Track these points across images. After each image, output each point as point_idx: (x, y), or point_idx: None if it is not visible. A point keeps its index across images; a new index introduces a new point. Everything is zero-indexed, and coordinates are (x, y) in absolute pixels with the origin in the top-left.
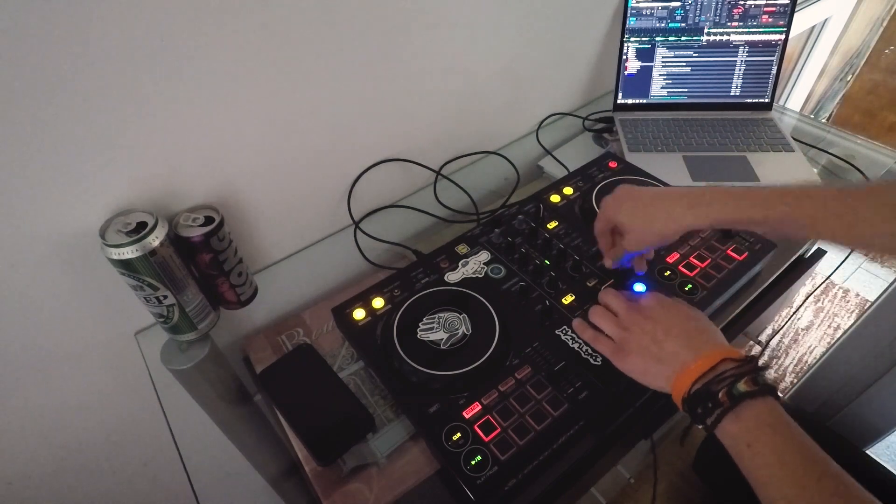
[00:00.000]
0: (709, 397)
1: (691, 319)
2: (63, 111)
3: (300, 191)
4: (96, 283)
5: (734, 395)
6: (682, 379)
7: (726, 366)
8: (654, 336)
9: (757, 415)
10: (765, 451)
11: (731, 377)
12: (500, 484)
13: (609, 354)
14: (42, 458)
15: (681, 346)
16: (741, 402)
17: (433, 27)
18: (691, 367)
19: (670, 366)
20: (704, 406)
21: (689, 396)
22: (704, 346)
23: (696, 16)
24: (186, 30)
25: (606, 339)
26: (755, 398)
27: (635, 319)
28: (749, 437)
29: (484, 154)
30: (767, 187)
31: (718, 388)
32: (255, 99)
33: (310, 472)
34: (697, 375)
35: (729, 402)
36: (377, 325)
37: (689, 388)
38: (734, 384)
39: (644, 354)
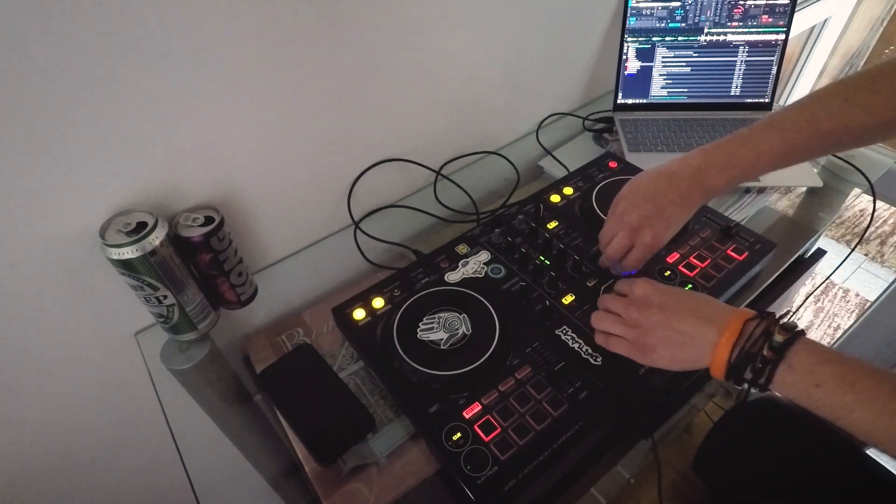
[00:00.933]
0: (753, 359)
1: (689, 296)
2: (63, 111)
3: (300, 191)
4: (96, 283)
5: (775, 347)
6: (718, 353)
7: (751, 326)
8: (669, 322)
9: (807, 356)
10: (835, 385)
11: (762, 333)
12: (500, 484)
13: (629, 354)
14: (42, 457)
15: (699, 323)
16: (787, 352)
17: (433, 27)
18: (721, 339)
19: (700, 346)
20: (753, 367)
21: (733, 366)
22: (720, 315)
23: (696, 16)
24: (187, 30)
25: (620, 339)
26: (795, 343)
27: (640, 312)
28: (813, 378)
29: (484, 154)
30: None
31: (759, 348)
32: (256, 99)
33: (310, 472)
34: (731, 344)
35: (775, 355)
36: (377, 325)
37: (728, 358)
38: (771, 338)
39: (667, 344)
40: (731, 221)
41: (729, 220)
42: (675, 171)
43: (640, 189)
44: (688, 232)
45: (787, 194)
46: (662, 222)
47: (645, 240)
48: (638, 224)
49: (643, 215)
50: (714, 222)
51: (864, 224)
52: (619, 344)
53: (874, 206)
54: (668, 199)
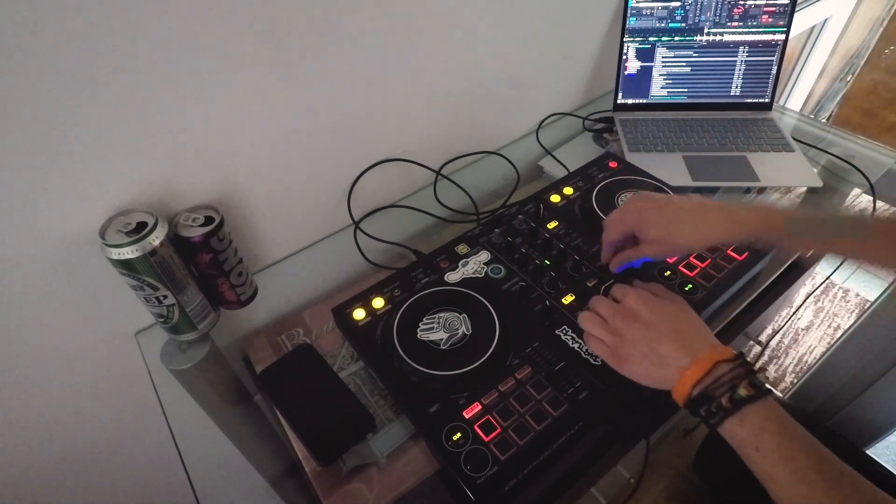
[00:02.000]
0: (710, 401)
1: (680, 318)
2: (63, 111)
3: (300, 191)
4: (96, 283)
5: (735, 400)
6: (682, 382)
7: (722, 369)
8: (649, 340)
9: (760, 419)
10: (771, 454)
11: (729, 381)
12: (500, 484)
13: (605, 358)
14: (42, 457)
15: (676, 349)
16: (743, 407)
17: (433, 27)
18: (688, 371)
19: (668, 369)
20: (707, 409)
21: (691, 400)
22: (697, 347)
23: (696, 16)
24: (187, 30)
25: (600, 342)
26: (756, 402)
27: (625, 322)
28: (755, 440)
29: (484, 154)
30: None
31: (720, 394)
32: (256, 99)
33: (310, 472)
34: (696, 380)
35: (731, 406)
36: (377, 325)
37: (689, 391)
38: (734, 389)
39: (640, 360)
40: None
41: None
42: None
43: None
44: None
45: (787, 194)
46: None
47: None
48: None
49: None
50: None
51: None
52: (598, 346)
53: (874, 206)
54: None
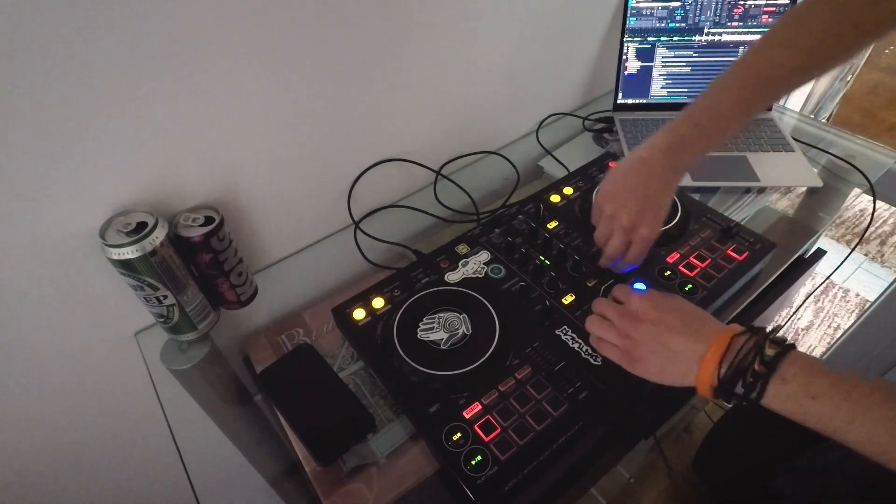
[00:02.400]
0: (743, 374)
1: (684, 311)
2: (63, 111)
3: (300, 191)
4: (96, 283)
5: (768, 361)
6: (704, 369)
7: (740, 341)
8: (659, 337)
9: (800, 368)
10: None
11: (752, 348)
12: (500, 484)
13: (619, 361)
14: (42, 457)
15: (689, 340)
16: (779, 364)
17: (433, 27)
18: (707, 355)
19: (687, 362)
20: (744, 382)
21: (722, 382)
22: (709, 331)
23: (696, 16)
24: (187, 30)
25: (612, 346)
26: (787, 356)
27: (632, 326)
28: (808, 389)
29: (484, 154)
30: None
31: (749, 362)
32: (255, 99)
33: (310, 472)
34: (718, 360)
35: (766, 369)
36: (377, 325)
37: (715, 374)
38: (762, 351)
39: (656, 357)
40: (731, 221)
41: (729, 220)
42: (647, 158)
43: (620, 185)
44: (688, 232)
45: (787, 194)
46: (652, 213)
47: (642, 235)
48: (630, 223)
49: (632, 212)
50: (714, 222)
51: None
52: (610, 350)
53: (874, 206)
54: (651, 188)
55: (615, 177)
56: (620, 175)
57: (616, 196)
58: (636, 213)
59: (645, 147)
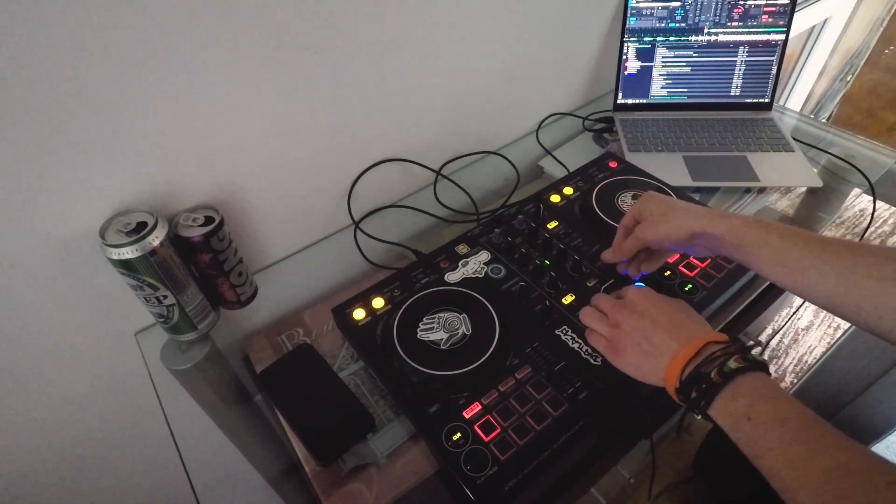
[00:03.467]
0: (701, 379)
1: (677, 311)
2: (63, 111)
3: (300, 191)
4: (96, 282)
5: (725, 372)
6: (672, 368)
7: (712, 348)
8: (644, 331)
9: (752, 389)
10: (765, 420)
11: (720, 357)
12: (500, 484)
13: (602, 351)
14: (42, 457)
15: (669, 337)
16: (734, 379)
17: (433, 27)
18: (679, 355)
19: (661, 359)
20: (698, 389)
21: (682, 383)
22: (688, 333)
23: (696, 16)
24: (187, 30)
25: (600, 336)
26: (747, 374)
27: (623, 316)
28: (748, 410)
29: (484, 154)
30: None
31: (709, 370)
32: (256, 99)
33: (310, 472)
34: (685, 362)
35: (721, 380)
36: (377, 325)
37: (679, 375)
38: (724, 363)
39: (635, 351)
40: None
41: None
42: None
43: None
44: None
45: (787, 194)
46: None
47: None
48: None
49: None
50: None
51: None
52: (597, 340)
53: (874, 206)
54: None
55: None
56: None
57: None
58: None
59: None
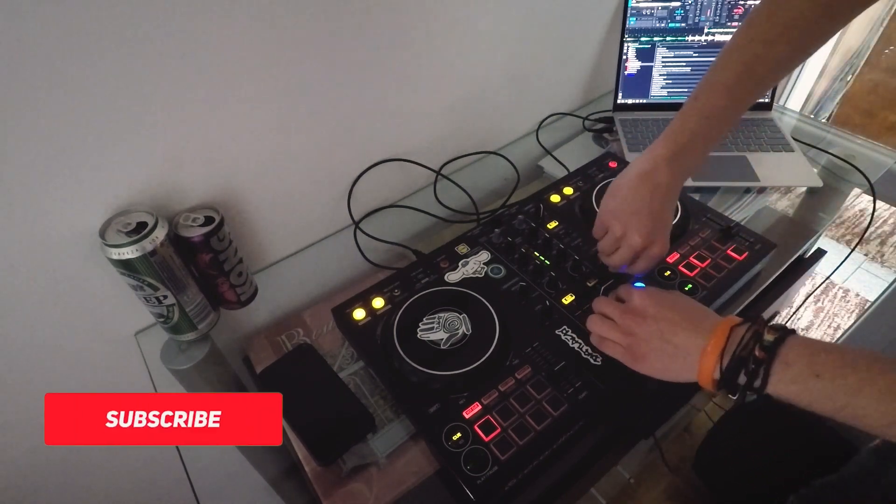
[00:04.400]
0: (745, 363)
1: (684, 306)
2: (63, 111)
3: (300, 191)
4: (96, 282)
5: (766, 347)
6: (705, 362)
7: (739, 331)
8: (662, 334)
9: (801, 349)
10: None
11: (751, 336)
12: (500, 484)
13: (621, 359)
14: (41, 458)
15: (690, 334)
16: (779, 349)
17: (433, 27)
18: (708, 348)
19: (689, 356)
20: (747, 371)
21: (724, 373)
22: (709, 325)
23: (696, 16)
24: (187, 30)
25: (615, 344)
26: (786, 340)
27: (636, 322)
28: (812, 368)
29: (484, 154)
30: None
31: (750, 350)
32: (256, 99)
33: (310, 472)
34: (718, 352)
35: (767, 355)
36: (377, 325)
37: (716, 366)
38: (760, 339)
39: (658, 354)
40: (731, 221)
41: (729, 220)
42: (651, 170)
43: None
44: (688, 232)
45: (787, 194)
46: (661, 231)
47: (653, 254)
48: (642, 245)
49: (643, 233)
50: (714, 222)
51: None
52: (613, 349)
53: (874, 206)
54: (657, 202)
55: (620, 192)
56: (625, 190)
57: (623, 214)
58: (647, 234)
59: (646, 158)
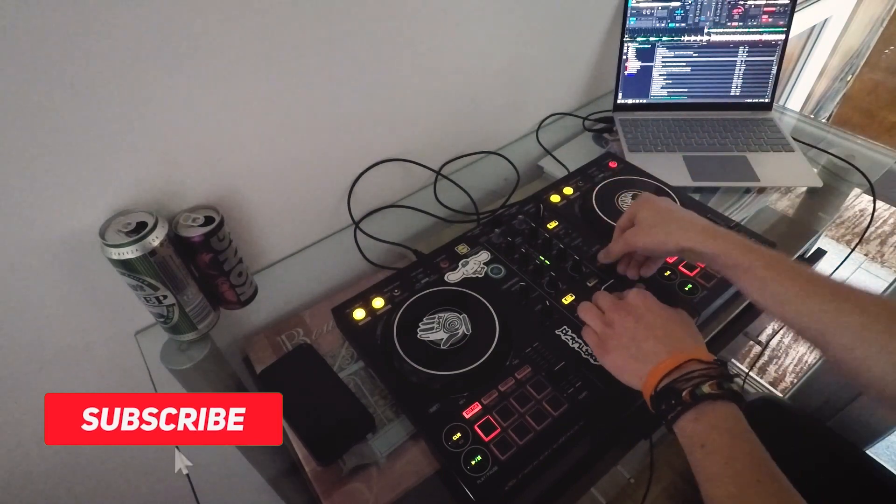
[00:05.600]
0: (673, 395)
1: (673, 322)
2: (63, 111)
3: (300, 191)
4: (96, 282)
5: (696, 395)
6: (652, 374)
7: (693, 366)
8: (635, 335)
9: (715, 418)
10: (715, 453)
11: (697, 378)
12: (500, 484)
13: (591, 347)
14: (42, 458)
15: (658, 346)
16: (701, 403)
17: (433, 27)
18: (661, 364)
19: (645, 364)
20: (668, 403)
21: (656, 393)
22: (677, 345)
23: (696, 16)
24: (187, 30)
25: (592, 331)
26: (716, 402)
27: (619, 316)
28: (704, 437)
29: (484, 154)
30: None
31: (683, 387)
32: (256, 99)
33: (310, 472)
34: (665, 372)
35: (691, 400)
36: (377, 325)
37: (655, 385)
38: (699, 385)
39: (622, 352)
40: (731, 221)
41: (729, 220)
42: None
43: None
44: None
45: (787, 194)
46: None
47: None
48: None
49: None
50: (714, 222)
51: (864, 224)
52: (590, 336)
53: (874, 206)
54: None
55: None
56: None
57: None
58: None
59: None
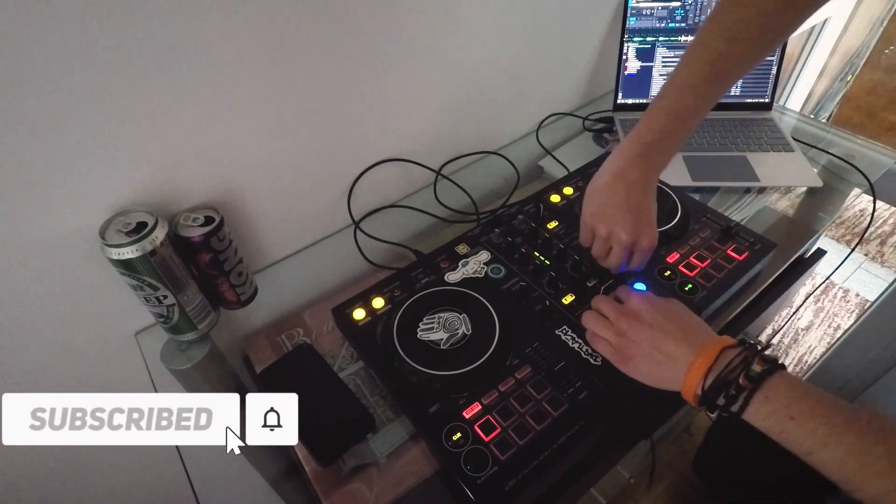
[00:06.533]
0: (728, 386)
1: (681, 317)
2: (63, 111)
3: (300, 191)
4: (96, 282)
5: (752, 377)
6: (690, 377)
7: (730, 354)
8: (654, 340)
9: (785, 388)
10: (810, 419)
11: (741, 362)
12: (500, 484)
13: (610, 358)
14: (42, 458)
15: (681, 346)
16: (763, 382)
17: (434, 27)
18: (695, 363)
19: (676, 367)
20: (727, 394)
21: (706, 391)
22: (702, 340)
23: (696, 16)
24: (187, 30)
25: (605, 342)
26: (773, 374)
27: (629, 324)
28: (787, 410)
29: (484, 154)
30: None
31: (735, 376)
32: (256, 99)
33: (310, 472)
34: (705, 370)
35: (751, 384)
36: (377, 325)
37: (701, 383)
38: (748, 367)
39: (647, 359)
40: (731, 221)
41: (729, 220)
42: (622, 170)
43: (605, 203)
44: (688, 232)
45: (787, 194)
46: (645, 223)
47: (643, 246)
48: (629, 239)
49: (629, 229)
50: (714, 222)
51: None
52: (603, 346)
53: (874, 206)
54: (634, 198)
55: (596, 195)
56: (601, 192)
57: (605, 215)
58: (632, 229)
59: (616, 159)
